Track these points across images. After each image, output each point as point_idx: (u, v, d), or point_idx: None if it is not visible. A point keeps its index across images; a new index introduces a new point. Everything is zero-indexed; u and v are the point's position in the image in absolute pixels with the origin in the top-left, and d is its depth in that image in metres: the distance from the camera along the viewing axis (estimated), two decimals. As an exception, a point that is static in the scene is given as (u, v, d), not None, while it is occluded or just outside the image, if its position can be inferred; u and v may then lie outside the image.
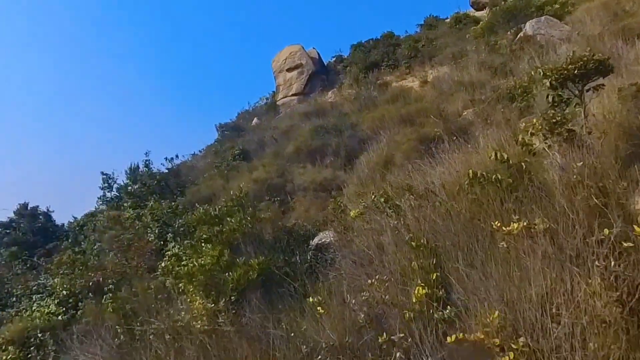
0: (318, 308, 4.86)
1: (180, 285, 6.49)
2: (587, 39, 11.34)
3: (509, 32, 18.40)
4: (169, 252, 9.78)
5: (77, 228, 18.06)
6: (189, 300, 6.37)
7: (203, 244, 7.31)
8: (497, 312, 3.19)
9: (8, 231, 19.21)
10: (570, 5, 16.31)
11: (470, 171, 5.46)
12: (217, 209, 8.17)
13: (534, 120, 5.30)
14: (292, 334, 4.89)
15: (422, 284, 4.25)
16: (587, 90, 5.33)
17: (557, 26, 14.65)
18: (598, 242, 3.13)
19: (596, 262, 2.97)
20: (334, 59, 34.33)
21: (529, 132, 5.32)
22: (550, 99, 5.57)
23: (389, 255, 5.33)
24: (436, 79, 18.11)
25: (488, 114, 10.96)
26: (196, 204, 13.79)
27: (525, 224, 3.48)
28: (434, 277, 4.35)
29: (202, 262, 6.45)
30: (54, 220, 20.94)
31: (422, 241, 4.91)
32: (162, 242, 11.49)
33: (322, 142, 13.67)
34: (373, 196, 6.55)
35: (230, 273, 6.21)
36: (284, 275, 6.27)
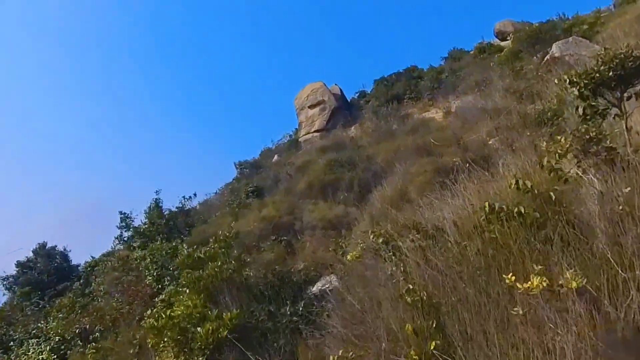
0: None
1: (148, 340, 5.56)
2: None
3: (535, 57, 17.38)
4: (161, 297, 8.98)
5: (89, 269, 17.65)
6: (157, 358, 5.41)
7: (183, 291, 6.42)
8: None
9: (25, 271, 19.10)
10: (599, 24, 15.18)
11: (487, 204, 4.39)
12: (202, 252, 7.30)
13: (561, 139, 4.21)
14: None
15: (416, 357, 3.14)
16: (629, 98, 4.25)
17: (586, 46, 13.50)
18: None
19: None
20: (357, 94, 34.06)
21: (557, 154, 4.21)
22: (580, 111, 4.48)
23: (384, 311, 4.23)
24: (459, 108, 17.11)
25: (513, 140, 9.79)
26: (199, 245, 13.04)
27: (547, 281, 2.38)
28: (432, 347, 3.23)
29: (173, 313, 5.53)
30: (70, 260, 20.78)
31: (421, 295, 3.82)
32: (160, 286, 10.72)
33: (335, 177, 12.79)
34: (372, 236, 5.51)
35: (200, 328, 5.25)
36: (266, 331, 5.22)
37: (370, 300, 4.62)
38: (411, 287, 4.03)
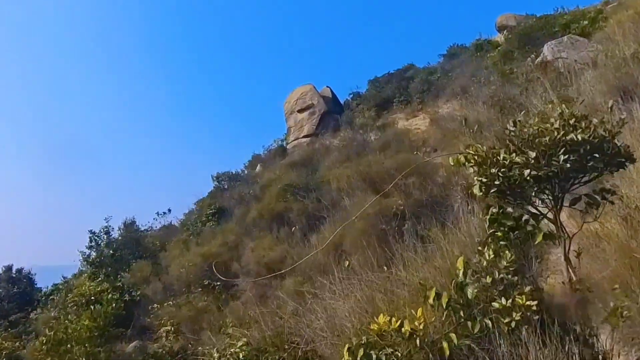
0: None
1: None
2: (617, 62, 8.23)
3: (529, 58, 15.35)
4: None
5: (43, 298, 16.48)
6: None
7: None
8: None
9: (-13, 297, 18.11)
10: (602, 20, 13.10)
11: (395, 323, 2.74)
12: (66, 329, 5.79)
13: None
14: None
15: None
16: (574, 203, 2.55)
17: (582, 46, 11.51)
18: None
19: None
20: (350, 96, 32.09)
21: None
22: (487, 226, 2.80)
23: None
24: (441, 118, 15.24)
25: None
26: (135, 286, 11.67)
27: None
28: None
29: None
30: (35, 284, 19.66)
31: None
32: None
33: (285, 206, 11.16)
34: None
35: None
36: None
37: None
38: None
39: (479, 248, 3.08)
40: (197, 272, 10.30)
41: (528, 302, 2.45)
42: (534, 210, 2.94)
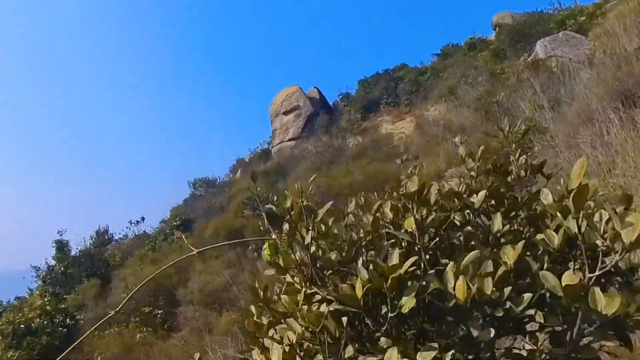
0: None
1: None
2: (617, 59, 6.96)
3: (523, 56, 14.10)
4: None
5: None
6: None
7: None
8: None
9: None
10: (600, 15, 11.85)
11: None
12: None
13: None
14: None
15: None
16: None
17: (577, 44, 10.26)
18: None
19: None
20: (340, 97, 30.71)
21: None
22: None
23: None
24: (425, 122, 13.98)
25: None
26: (81, 309, 10.45)
27: None
28: None
29: None
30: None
31: None
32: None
33: (242, 223, 9.91)
34: None
35: None
36: None
37: None
38: None
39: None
40: (139, 296, 9.04)
41: None
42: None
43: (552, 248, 1.36)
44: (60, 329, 9.79)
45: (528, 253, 1.44)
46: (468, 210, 1.69)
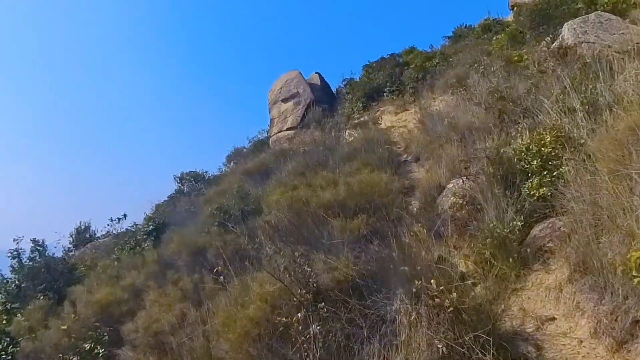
0: None
1: None
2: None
3: (544, 41, 12.15)
4: None
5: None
6: None
7: None
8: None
9: None
10: (641, -8, 9.84)
11: None
12: None
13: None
14: None
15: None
16: None
17: (615, 27, 8.37)
18: None
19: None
20: (344, 83, 28.64)
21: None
22: None
23: None
24: (428, 117, 12.20)
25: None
26: (28, 334, 9.15)
27: None
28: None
29: None
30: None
31: None
32: None
33: (207, 240, 8.40)
34: None
35: None
36: None
37: None
38: None
39: None
40: (81, 327, 7.63)
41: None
42: None
43: None
44: (10, 354, 8.48)
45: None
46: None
